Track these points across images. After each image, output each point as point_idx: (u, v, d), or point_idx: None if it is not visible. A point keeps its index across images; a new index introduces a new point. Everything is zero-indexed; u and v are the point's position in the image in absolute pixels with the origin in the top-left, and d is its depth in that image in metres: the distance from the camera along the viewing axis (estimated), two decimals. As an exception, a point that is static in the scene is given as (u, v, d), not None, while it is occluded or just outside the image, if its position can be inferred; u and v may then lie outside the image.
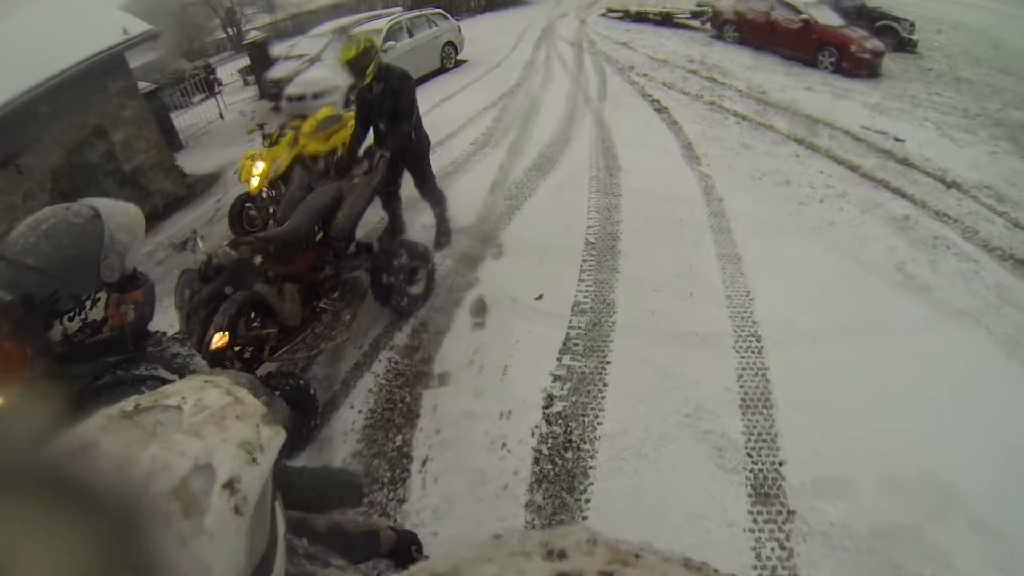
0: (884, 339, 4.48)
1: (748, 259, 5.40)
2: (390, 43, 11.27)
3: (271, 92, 13.06)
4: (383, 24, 11.69)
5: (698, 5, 17.26)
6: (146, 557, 0.46)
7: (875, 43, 12.93)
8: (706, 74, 11.22)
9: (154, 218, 9.39)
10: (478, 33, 15.46)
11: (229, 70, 19.22)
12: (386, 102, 4.81)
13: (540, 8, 19.71)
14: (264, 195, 6.73)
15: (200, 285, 3.97)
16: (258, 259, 4.21)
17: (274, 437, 0.60)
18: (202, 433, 0.55)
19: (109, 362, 1.27)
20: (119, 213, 1.32)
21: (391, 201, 5.68)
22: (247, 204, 6.85)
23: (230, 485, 0.53)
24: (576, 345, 4.45)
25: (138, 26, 9.80)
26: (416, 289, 5.02)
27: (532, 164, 7.46)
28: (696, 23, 15.64)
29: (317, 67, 11.54)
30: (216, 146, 12.13)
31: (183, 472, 0.51)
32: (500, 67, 12.25)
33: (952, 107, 11.72)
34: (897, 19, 16.16)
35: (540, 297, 5.04)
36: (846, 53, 12.53)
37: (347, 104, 10.43)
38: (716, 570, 0.43)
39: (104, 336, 1.28)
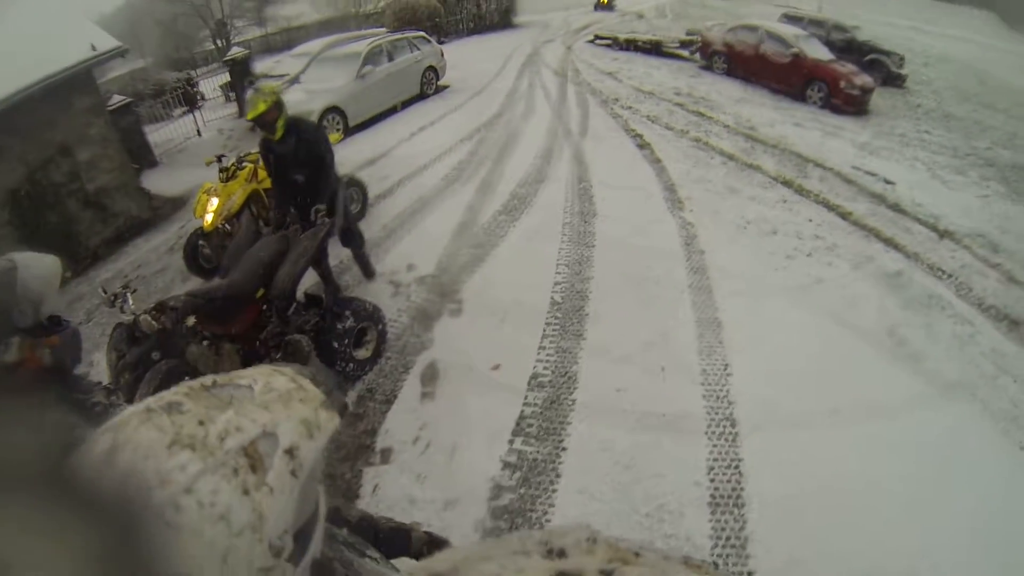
0: (872, 421, 4.10)
1: (728, 325, 5.01)
2: (368, 67, 10.91)
3: (250, 112, 12.62)
4: (363, 47, 11.32)
5: (688, 34, 17.10)
6: (215, 497, 0.54)
7: (864, 79, 12.74)
8: (693, 107, 10.93)
9: (116, 242, 9.02)
10: (463, 57, 15.18)
11: (213, 84, 18.82)
12: (301, 155, 4.56)
13: (527, 33, 19.48)
14: (220, 231, 6.34)
15: (128, 347, 3.69)
16: (191, 320, 3.88)
17: (330, 420, 0.68)
18: (270, 408, 0.63)
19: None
20: (35, 265, 1.46)
21: (322, 259, 5.30)
22: (200, 242, 6.45)
23: (290, 452, 0.61)
24: (530, 426, 4.03)
25: (107, 42, 9.52)
26: (364, 352, 4.60)
27: (503, 206, 7.09)
28: (685, 53, 15.44)
29: (293, 89, 11.17)
30: (190, 165, 11.69)
31: (253, 435, 0.60)
32: (481, 95, 11.93)
33: (942, 146, 11.53)
34: (887, 53, 16.06)
35: (496, 367, 4.62)
36: (835, 89, 12.31)
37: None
38: (716, 567, 0.51)
39: (22, 377, 1.35)
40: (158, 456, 0.54)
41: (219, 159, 6.78)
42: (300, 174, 4.57)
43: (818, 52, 12.99)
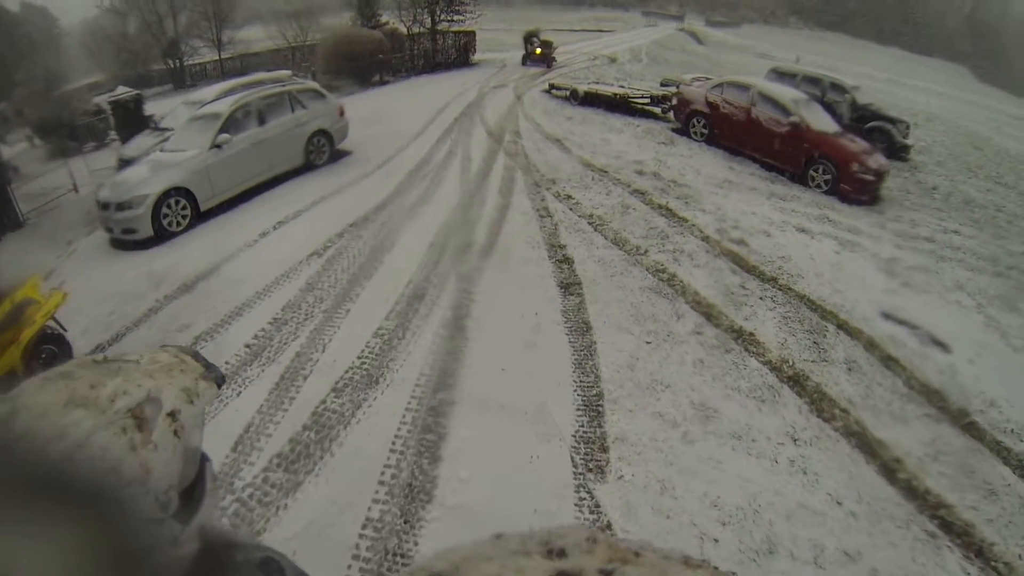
0: None
1: None
2: (224, 136, 7.43)
3: (126, 173, 9.22)
4: (225, 107, 7.79)
5: (662, 84, 13.63)
6: (106, 452, 0.55)
7: (880, 160, 9.33)
8: (659, 198, 7.41)
9: None
10: (392, 105, 11.71)
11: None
12: None
13: (482, 73, 15.92)
14: None
15: None
16: None
17: (208, 389, 0.72)
18: (155, 376, 0.65)
19: None
20: None
21: None
22: None
23: (172, 415, 0.63)
24: None
25: None
26: None
27: (279, 455, 3.50)
28: (657, 110, 11.90)
29: (143, 163, 7.62)
30: (47, 237, 8.30)
31: (139, 398, 0.61)
32: (383, 169, 8.39)
33: (977, 255, 8.16)
34: (892, 120, 12.68)
35: None
36: (845, 172, 8.89)
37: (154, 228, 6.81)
38: (716, 568, 0.37)
39: None
40: (54, 414, 0.55)
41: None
42: None
43: (822, 122, 9.55)
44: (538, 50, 17.04)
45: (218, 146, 7.36)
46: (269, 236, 6.44)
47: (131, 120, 11.41)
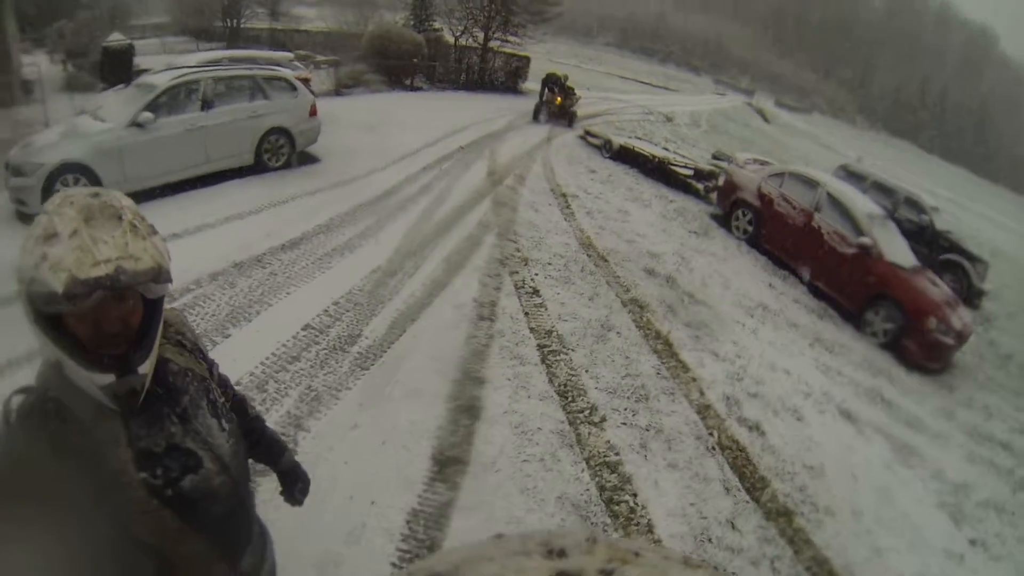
0: None
1: None
2: (147, 115, 5.60)
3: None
4: (161, 82, 5.95)
5: (713, 157, 11.27)
6: None
7: (963, 319, 6.82)
8: (661, 323, 5.06)
9: None
10: (404, 114, 9.72)
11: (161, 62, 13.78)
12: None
13: (524, 104, 13.67)
14: None
15: None
16: None
17: None
18: None
19: None
20: None
21: None
22: None
23: None
24: None
25: None
26: None
27: None
28: (700, 186, 9.55)
29: (62, 125, 6.10)
30: None
31: None
32: (337, 190, 6.30)
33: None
34: (972, 257, 10.02)
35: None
36: (918, 327, 6.36)
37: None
38: (716, 568, 0.36)
39: None
40: None
41: None
42: None
43: (898, 251, 7.07)
44: (559, 99, 12.06)
45: (139, 124, 5.56)
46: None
47: (118, 70, 9.94)
